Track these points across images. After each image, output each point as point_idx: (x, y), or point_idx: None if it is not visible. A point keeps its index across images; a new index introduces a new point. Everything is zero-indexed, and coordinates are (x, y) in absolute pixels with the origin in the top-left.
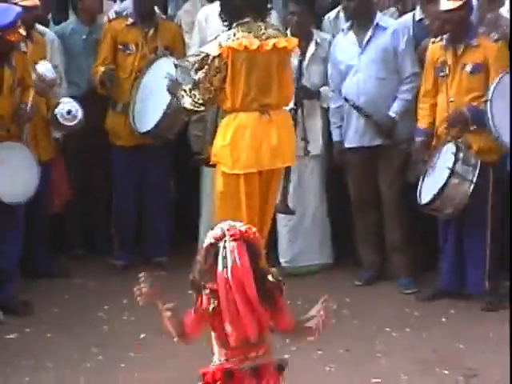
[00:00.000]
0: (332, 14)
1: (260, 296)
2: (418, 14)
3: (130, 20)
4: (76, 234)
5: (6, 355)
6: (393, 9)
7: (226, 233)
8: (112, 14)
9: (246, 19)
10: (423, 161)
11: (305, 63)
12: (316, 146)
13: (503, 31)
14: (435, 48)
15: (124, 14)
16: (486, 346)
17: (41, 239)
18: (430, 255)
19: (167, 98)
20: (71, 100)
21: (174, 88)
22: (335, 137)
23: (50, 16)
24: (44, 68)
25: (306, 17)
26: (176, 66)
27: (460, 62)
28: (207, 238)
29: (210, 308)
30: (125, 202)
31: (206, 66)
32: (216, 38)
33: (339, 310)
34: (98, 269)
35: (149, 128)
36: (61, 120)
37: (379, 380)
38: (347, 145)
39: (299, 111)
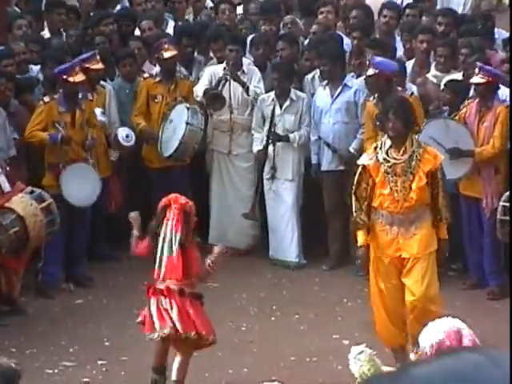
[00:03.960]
0: (310, 76)
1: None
2: None
3: (158, 78)
4: (126, 229)
5: (74, 314)
6: (352, 73)
7: (172, 203)
8: (146, 74)
9: None
10: None
11: (279, 113)
12: (286, 172)
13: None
14: (370, 105)
15: (154, 74)
16: None
17: (101, 232)
18: None
19: (182, 131)
20: (127, 128)
21: None
22: (314, 160)
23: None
24: (97, 112)
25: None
26: (188, 108)
27: None
28: (161, 203)
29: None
30: None
31: None
32: None
33: (312, 286)
34: None
35: (170, 152)
36: (121, 141)
37: (338, 336)
38: (322, 168)
39: (270, 148)
